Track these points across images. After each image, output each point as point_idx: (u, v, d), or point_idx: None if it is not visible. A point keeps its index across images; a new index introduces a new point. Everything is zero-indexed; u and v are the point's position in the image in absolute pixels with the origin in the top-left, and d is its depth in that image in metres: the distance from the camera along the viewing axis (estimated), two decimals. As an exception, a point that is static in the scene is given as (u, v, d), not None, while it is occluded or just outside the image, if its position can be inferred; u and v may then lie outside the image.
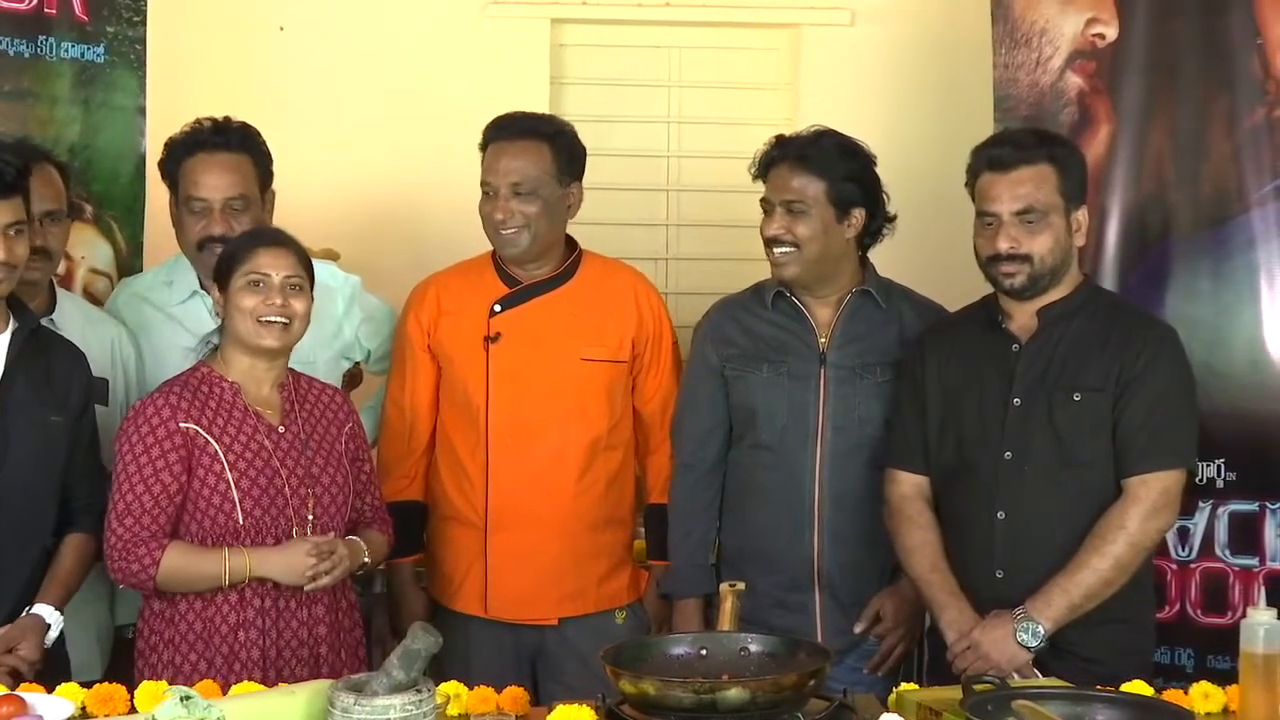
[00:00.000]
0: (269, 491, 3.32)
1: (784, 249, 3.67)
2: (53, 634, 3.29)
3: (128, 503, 3.27)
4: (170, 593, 3.30)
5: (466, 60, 5.07)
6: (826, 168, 3.67)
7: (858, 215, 3.71)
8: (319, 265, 3.92)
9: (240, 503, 3.30)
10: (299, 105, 4.91)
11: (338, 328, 3.95)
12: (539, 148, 3.78)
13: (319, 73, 5.00)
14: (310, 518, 3.36)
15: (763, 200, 3.73)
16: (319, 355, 3.84)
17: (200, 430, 3.31)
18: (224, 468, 3.30)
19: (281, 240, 3.43)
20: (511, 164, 3.76)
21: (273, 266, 3.36)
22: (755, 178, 3.77)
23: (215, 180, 3.72)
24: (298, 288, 3.38)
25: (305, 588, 3.31)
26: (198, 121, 3.79)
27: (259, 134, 3.83)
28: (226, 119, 3.80)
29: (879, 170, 3.77)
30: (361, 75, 5.02)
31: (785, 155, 3.70)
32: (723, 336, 3.82)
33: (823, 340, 3.73)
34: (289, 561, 3.29)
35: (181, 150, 3.77)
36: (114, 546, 3.27)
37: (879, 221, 3.76)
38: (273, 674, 3.28)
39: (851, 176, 3.69)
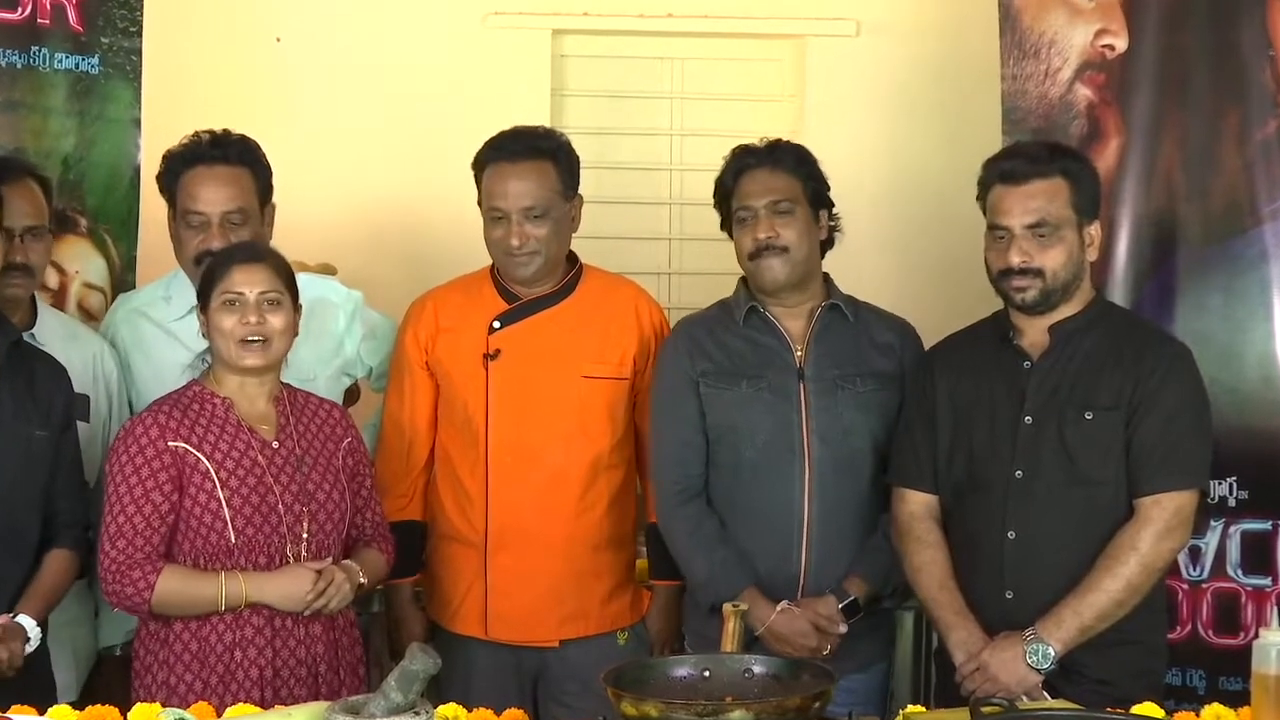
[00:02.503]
0: (261, 509, 3.28)
1: (774, 251, 3.64)
2: (30, 646, 3.25)
3: (119, 525, 3.23)
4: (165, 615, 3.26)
5: (466, 71, 5.07)
6: (797, 168, 3.70)
7: (824, 216, 3.74)
8: (321, 281, 3.92)
9: (231, 521, 3.25)
10: (296, 117, 4.91)
11: (339, 344, 3.91)
12: (544, 167, 3.74)
13: (316, 84, 5.00)
14: (305, 536, 3.31)
15: (739, 210, 3.69)
16: (319, 372, 3.81)
17: (190, 448, 3.27)
18: (215, 485, 3.25)
19: (255, 255, 3.38)
20: (520, 186, 3.71)
21: (246, 284, 3.31)
22: (721, 191, 3.74)
23: (213, 194, 3.68)
24: (274, 303, 3.32)
25: (304, 613, 3.28)
26: (196, 134, 3.76)
27: (258, 147, 3.80)
28: (225, 132, 3.77)
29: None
30: (360, 87, 5.02)
31: (760, 160, 3.71)
32: (699, 350, 3.73)
33: (799, 353, 3.70)
34: (287, 588, 3.25)
35: (179, 163, 3.73)
36: (108, 569, 3.23)
37: (833, 227, 3.78)
38: (270, 694, 3.24)
39: (813, 177, 3.72)
